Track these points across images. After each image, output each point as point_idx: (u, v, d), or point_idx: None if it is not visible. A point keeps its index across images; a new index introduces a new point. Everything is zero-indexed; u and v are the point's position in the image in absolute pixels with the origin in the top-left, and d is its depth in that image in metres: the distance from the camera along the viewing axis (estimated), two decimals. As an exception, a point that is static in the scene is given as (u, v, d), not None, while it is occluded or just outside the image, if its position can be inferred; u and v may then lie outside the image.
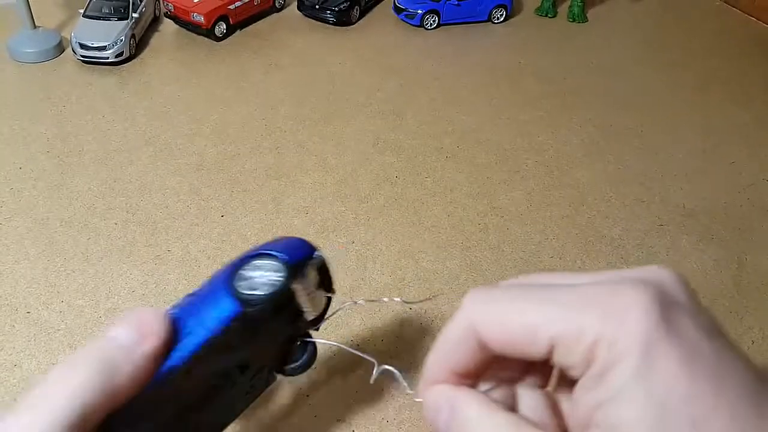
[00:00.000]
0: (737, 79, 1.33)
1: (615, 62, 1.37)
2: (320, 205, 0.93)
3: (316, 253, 0.30)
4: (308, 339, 0.31)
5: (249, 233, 0.88)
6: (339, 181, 0.98)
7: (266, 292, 0.27)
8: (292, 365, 0.31)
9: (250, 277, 0.27)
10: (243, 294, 0.26)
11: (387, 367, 0.30)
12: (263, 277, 0.27)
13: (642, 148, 1.11)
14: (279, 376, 0.32)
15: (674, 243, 0.91)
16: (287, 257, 0.28)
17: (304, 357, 0.31)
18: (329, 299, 0.32)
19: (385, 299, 0.32)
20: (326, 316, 0.32)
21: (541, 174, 1.03)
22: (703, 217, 0.96)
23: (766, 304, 0.83)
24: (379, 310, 0.78)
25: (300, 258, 0.29)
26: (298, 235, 0.31)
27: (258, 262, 0.28)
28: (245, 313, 0.26)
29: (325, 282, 0.31)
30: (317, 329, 0.32)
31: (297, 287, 0.28)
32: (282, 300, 0.27)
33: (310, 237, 0.30)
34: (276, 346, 0.30)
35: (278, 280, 0.27)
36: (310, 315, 0.30)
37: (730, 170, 1.07)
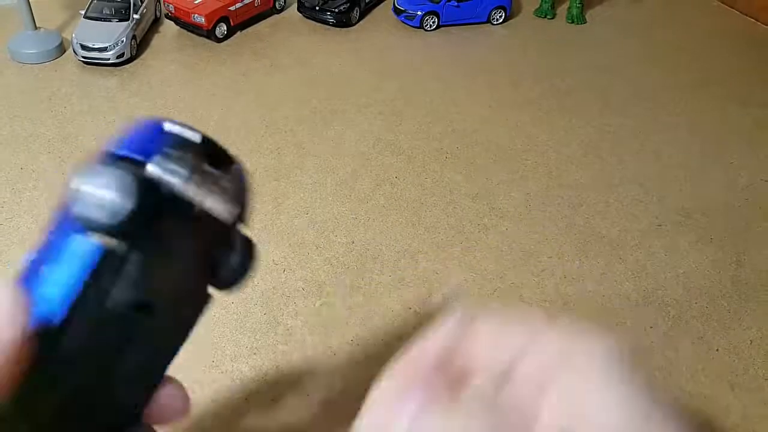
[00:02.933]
0: (735, 79, 1.34)
1: (613, 63, 1.37)
2: (320, 205, 0.93)
3: (165, 125, 0.22)
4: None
5: (249, 233, 0.88)
6: (339, 182, 0.98)
7: (110, 212, 0.20)
8: (225, 274, 0.24)
9: (90, 196, 0.20)
10: (91, 223, 0.20)
11: None
12: (103, 192, 0.20)
13: (640, 149, 1.11)
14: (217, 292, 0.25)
15: (673, 243, 0.92)
16: (121, 149, 0.21)
17: (237, 258, 0.24)
18: (236, 173, 0.24)
19: None
20: (244, 201, 0.25)
21: (540, 175, 1.03)
22: (702, 217, 0.97)
23: (765, 304, 0.83)
24: (379, 311, 0.78)
25: (146, 142, 0.21)
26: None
27: (94, 174, 0.20)
28: (107, 248, 0.20)
29: (214, 157, 0.23)
30: (239, 218, 0.25)
31: (156, 176, 0.21)
32: (140, 206, 0.20)
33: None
34: (189, 262, 0.23)
35: (123, 188, 0.20)
36: (215, 203, 0.23)
37: (729, 171, 1.07)
